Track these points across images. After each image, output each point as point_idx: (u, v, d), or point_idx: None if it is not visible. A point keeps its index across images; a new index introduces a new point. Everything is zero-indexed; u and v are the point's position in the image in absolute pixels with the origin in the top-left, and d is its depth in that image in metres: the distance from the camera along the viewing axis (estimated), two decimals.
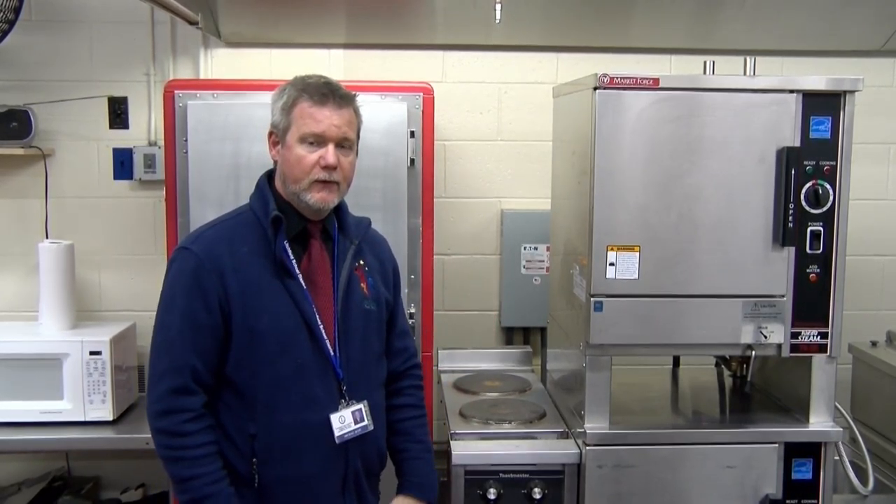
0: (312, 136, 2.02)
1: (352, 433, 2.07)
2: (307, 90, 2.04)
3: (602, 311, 2.51)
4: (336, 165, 2.04)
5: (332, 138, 2.03)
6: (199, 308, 2.00)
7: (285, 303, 2.04)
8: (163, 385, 2.00)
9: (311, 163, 2.03)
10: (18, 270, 3.54)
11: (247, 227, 2.09)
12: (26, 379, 3.08)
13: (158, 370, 2.02)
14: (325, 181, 2.04)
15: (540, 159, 3.47)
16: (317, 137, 2.03)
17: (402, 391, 2.31)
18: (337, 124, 2.04)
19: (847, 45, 3.55)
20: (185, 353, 2.00)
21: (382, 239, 2.33)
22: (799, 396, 2.66)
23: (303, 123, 2.02)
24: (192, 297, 2.01)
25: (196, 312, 2.00)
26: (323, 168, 2.03)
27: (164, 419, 2.00)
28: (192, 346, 2.00)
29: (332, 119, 2.03)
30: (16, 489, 3.48)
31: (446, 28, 3.51)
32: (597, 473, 2.54)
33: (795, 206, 2.49)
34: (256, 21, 3.43)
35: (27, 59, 3.48)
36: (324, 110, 2.02)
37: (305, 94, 2.03)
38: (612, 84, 2.45)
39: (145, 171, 3.48)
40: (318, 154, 2.03)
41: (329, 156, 2.02)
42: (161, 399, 2.00)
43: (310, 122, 2.02)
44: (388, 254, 2.32)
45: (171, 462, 2.01)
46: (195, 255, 2.03)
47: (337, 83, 2.09)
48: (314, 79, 2.07)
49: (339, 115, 2.04)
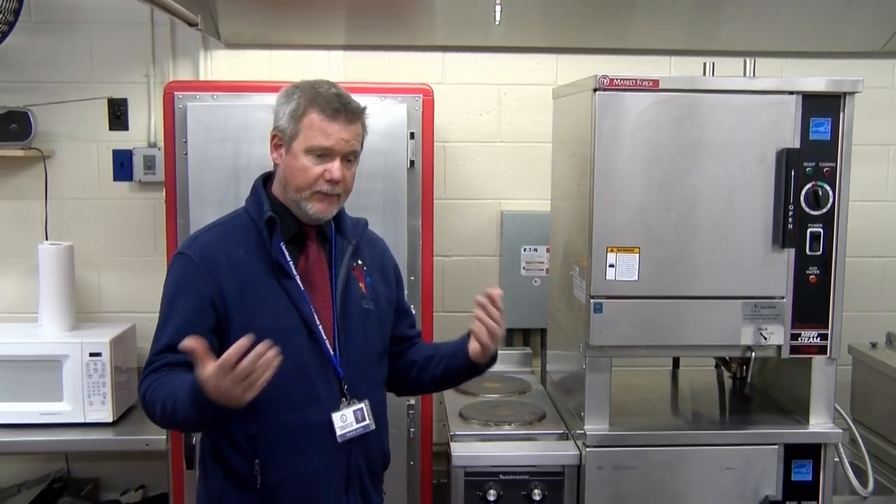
0: (321, 149, 2.01)
1: (353, 432, 2.07)
2: (319, 102, 2.01)
3: (602, 312, 2.51)
4: (341, 180, 2.04)
5: (340, 153, 2.03)
6: (191, 311, 2.01)
7: (283, 303, 2.04)
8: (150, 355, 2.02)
9: (316, 175, 2.02)
10: (18, 272, 3.53)
11: (243, 229, 2.09)
12: (26, 380, 3.08)
13: (152, 342, 2.05)
14: (327, 194, 2.04)
15: (540, 161, 3.47)
16: (325, 151, 2.02)
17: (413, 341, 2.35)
18: (346, 139, 2.03)
19: (847, 47, 3.55)
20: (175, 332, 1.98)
21: (380, 239, 2.34)
22: (799, 398, 2.66)
23: (312, 136, 2.01)
24: (188, 301, 2.01)
25: (190, 316, 2.00)
26: (327, 181, 2.02)
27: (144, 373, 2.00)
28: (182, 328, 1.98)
29: (341, 134, 2.02)
30: (15, 490, 3.48)
31: (446, 29, 3.51)
32: (597, 475, 2.54)
33: (795, 207, 2.49)
34: (256, 22, 3.43)
35: (27, 61, 3.48)
36: (334, 125, 2.01)
37: (317, 107, 2.01)
38: (612, 85, 2.45)
39: (145, 173, 3.48)
40: (324, 167, 2.02)
41: (335, 171, 2.02)
42: (147, 359, 2.02)
43: (319, 136, 2.00)
44: (387, 252, 2.33)
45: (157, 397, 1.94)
46: (189, 259, 2.03)
47: (348, 95, 2.07)
48: (325, 88, 2.04)
49: (348, 130, 2.03)
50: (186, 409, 1.85)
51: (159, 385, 1.95)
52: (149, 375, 1.99)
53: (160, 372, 1.98)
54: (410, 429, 2.96)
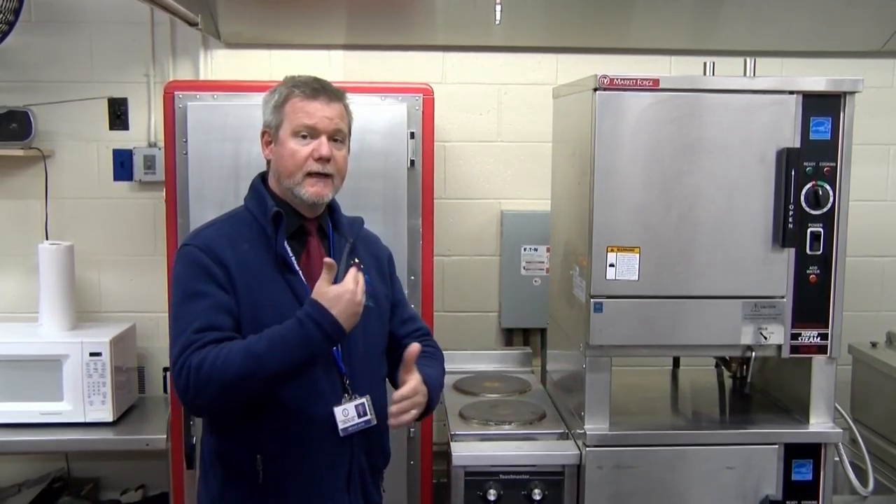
0: (305, 128, 2.06)
1: (355, 427, 2.08)
2: (298, 86, 2.08)
3: (602, 311, 2.51)
4: (330, 157, 2.06)
5: (324, 130, 2.07)
6: (212, 289, 1.99)
7: (287, 298, 2.04)
8: (182, 337, 1.94)
9: (305, 155, 2.05)
10: (18, 271, 3.53)
11: (245, 225, 2.10)
12: (26, 380, 3.08)
13: (178, 330, 1.97)
14: (319, 173, 2.06)
15: (540, 160, 3.47)
16: (310, 130, 2.06)
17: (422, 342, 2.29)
18: (329, 116, 2.07)
19: (847, 46, 3.55)
20: (207, 313, 1.96)
21: (375, 236, 2.35)
22: (799, 397, 2.66)
23: (295, 117, 2.06)
24: (205, 282, 1.99)
25: (211, 293, 1.98)
26: (316, 160, 2.05)
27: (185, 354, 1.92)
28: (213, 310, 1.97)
29: (324, 111, 2.07)
30: (16, 490, 3.48)
31: (446, 29, 3.51)
32: (597, 474, 2.54)
33: (795, 206, 2.49)
34: (256, 22, 3.43)
35: (27, 60, 3.48)
36: (315, 103, 2.07)
37: (297, 90, 2.08)
38: (612, 85, 2.45)
39: (145, 172, 3.48)
40: (312, 147, 2.06)
41: (323, 147, 2.05)
42: (182, 342, 1.94)
43: (302, 116, 2.06)
44: (382, 247, 2.34)
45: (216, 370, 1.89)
46: (198, 248, 2.04)
47: (326, 81, 2.13)
48: (304, 77, 2.12)
49: (330, 108, 2.08)
50: (293, 339, 1.90)
51: (223, 350, 1.90)
52: (196, 351, 1.90)
53: (207, 347, 1.91)
54: (410, 428, 2.96)
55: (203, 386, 1.91)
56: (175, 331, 2.00)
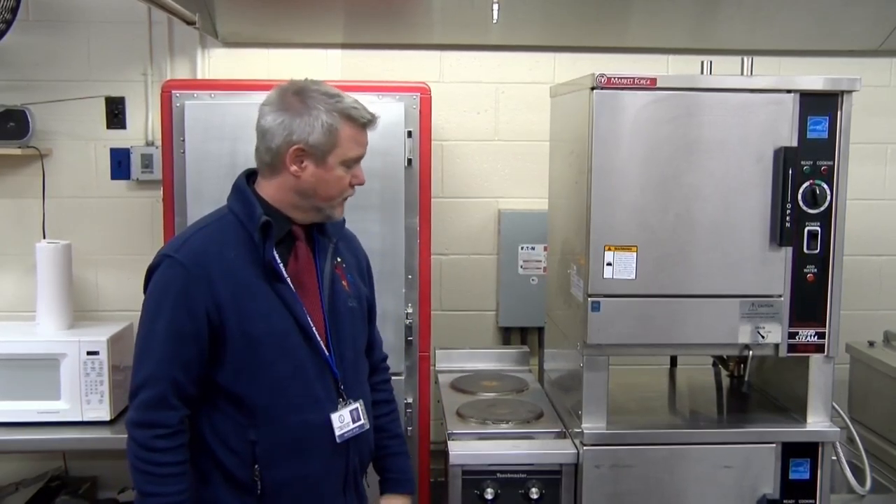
0: (357, 159, 2.09)
1: (351, 432, 2.08)
2: (352, 115, 2.05)
3: (600, 311, 2.51)
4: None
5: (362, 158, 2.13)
6: (184, 318, 1.97)
7: (277, 307, 2.03)
8: (142, 395, 1.98)
9: (348, 182, 2.10)
10: (16, 270, 3.53)
11: (231, 230, 2.05)
12: (23, 379, 3.07)
13: (139, 379, 1.99)
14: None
15: (537, 159, 3.47)
16: (358, 160, 2.10)
17: (376, 387, 2.32)
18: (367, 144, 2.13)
19: (844, 45, 3.56)
20: (168, 365, 1.97)
21: (353, 235, 2.34)
22: (796, 396, 2.67)
23: (350, 147, 2.06)
24: (178, 307, 1.97)
25: (181, 322, 1.97)
26: (352, 186, 2.11)
27: (138, 430, 1.98)
28: (175, 358, 1.97)
29: (367, 140, 2.12)
30: (13, 489, 3.48)
31: (444, 28, 3.51)
32: (594, 473, 2.54)
33: (793, 205, 2.49)
34: (254, 21, 3.43)
35: (24, 59, 3.48)
36: (365, 133, 2.10)
37: (351, 120, 2.05)
38: (610, 84, 2.45)
39: (143, 171, 3.47)
40: (352, 173, 2.10)
41: (363, 176, 2.12)
42: (138, 409, 1.99)
43: (356, 147, 2.08)
44: (361, 249, 2.34)
45: (138, 473, 1.98)
46: (181, 264, 1.99)
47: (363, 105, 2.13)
48: (353, 101, 2.07)
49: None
50: None
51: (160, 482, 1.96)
52: (140, 427, 1.97)
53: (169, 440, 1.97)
54: (408, 427, 2.95)
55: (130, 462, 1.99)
56: (142, 353, 2.00)
